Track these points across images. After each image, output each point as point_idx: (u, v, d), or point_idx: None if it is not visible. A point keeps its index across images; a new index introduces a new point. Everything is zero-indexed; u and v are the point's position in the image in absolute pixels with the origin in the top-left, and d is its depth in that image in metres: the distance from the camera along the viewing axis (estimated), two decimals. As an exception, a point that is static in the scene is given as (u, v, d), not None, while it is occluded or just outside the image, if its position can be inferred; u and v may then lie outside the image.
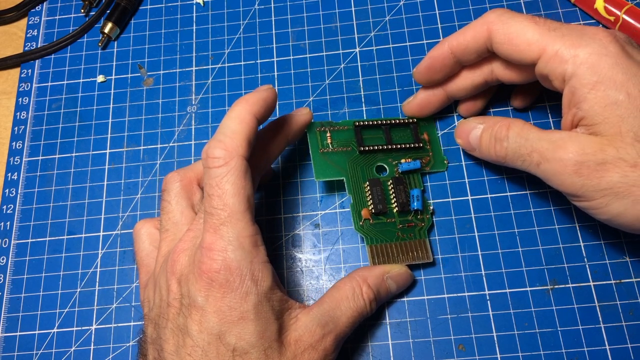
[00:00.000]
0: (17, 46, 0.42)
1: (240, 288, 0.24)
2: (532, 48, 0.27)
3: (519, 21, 0.28)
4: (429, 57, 0.32)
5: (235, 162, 0.25)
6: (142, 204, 0.36)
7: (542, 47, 0.27)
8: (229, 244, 0.25)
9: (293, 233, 0.34)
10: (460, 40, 0.30)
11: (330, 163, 0.33)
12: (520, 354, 0.30)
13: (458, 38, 0.30)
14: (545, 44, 0.27)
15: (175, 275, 0.26)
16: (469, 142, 0.32)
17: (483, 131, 0.31)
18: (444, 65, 0.31)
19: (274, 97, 0.29)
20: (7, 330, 0.33)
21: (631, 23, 0.35)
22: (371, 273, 0.30)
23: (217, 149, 0.25)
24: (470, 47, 0.30)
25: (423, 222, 0.32)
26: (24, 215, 0.36)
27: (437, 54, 0.31)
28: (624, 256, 0.31)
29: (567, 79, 0.26)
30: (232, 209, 0.25)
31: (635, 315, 0.30)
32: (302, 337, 0.26)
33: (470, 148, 0.32)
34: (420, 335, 0.31)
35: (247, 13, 0.41)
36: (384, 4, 0.39)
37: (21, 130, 0.39)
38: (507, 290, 0.31)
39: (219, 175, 0.25)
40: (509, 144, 0.29)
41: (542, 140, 0.27)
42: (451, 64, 0.31)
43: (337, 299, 0.28)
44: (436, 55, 0.31)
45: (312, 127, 0.34)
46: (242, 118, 0.26)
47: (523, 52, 0.27)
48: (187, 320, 0.25)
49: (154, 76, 0.39)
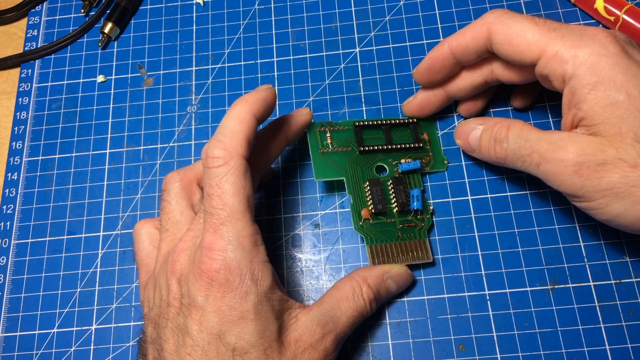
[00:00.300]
0: (17, 46, 0.42)
1: (240, 288, 0.24)
2: (532, 48, 0.27)
3: (519, 22, 0.28)
4: (429, 57, 0.32)
5: (235, 162, 0.25)
6: (142, 204, 0.36)
7: (542, 48, 0.27)
8: (228, 244, 0.25)
9: (293, 233, 0.34)
10: (460, 40, 0.30)
11: (330, 163, 0.33)
12: (520, 354, 0.30)
13: (458, 39, 0.30)
14: (545, 44, 0.27)
15: (175, 275, 0.26)
16: (468, 143, 0.32)
17: (482, 132, 0.31)
18: (444, 65, 0.31)
19: (273, 96, 0.29)
20: (7, 330, 0.33)
21: (631, 23, 0.35)
22: (371, 273, 0.30)
23: (216, 148, 0.25)
24: (470, 48, 0.30)
25: (423, 222, 0.32)
26: (24, 215, 0.36)
27: (437, 54, 0.31)
28: (624, 256, 0.31)
29: (567, 80, 0.26)
30: (231, 208, 0.25)
31: (635, 315, 0.30)
32: (302, 336, 0.26)
33: (470, 149, 0.32)
34: (420, 335, 0.31)
35: (247, 13, 0.41)
36: (384, 4, 0.39)
37: (21, 130, 0.39)
38: (507, 290, 0.31)
39: (219, 175, 0.25)
40: (508, 145, 0.29)
41: (542, 140, 0.27)
42: (451, 64, 0.31)
43: (337, 299, 0.28)
44: (436, 55, 0.31)
45: (312, 127, 0.34)
46: (241, 118, 0.26)
47: (523, 53, 0.27)
48: (187, 320, 0.25)
49: (154, 76, 0.39)
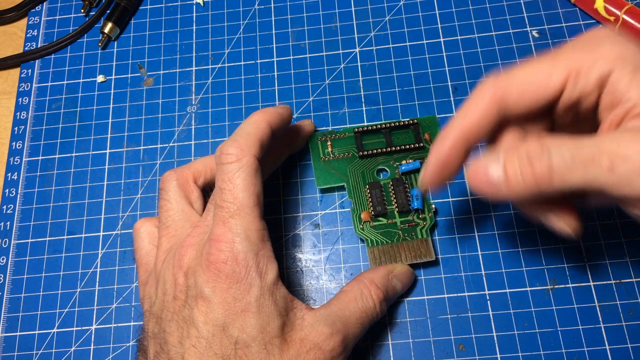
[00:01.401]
0: (17, 46, 0.42)
1: (245, 279, 0.25)
2: (552, 79, 0.23)
3: (522, 67, 0.25)
4: (435, 159, 0.26)
5: (247, 159, 0.26)
6: (142, 204, 0.36)
7: (562, 74, 0.24)
8: (236, 236, 0.25)
9: (293, 233, 0.34)
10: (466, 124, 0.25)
11: (331, 170, 0.34)
12: (520, 354, 0.30)
13: (463, 122, 0.25)
14: (561, 70, 0.23)
15: (182, 269, 0.26)
16: (489, 181, 0.24)
17: (506, 160, 0.23)
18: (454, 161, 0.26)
19: (289, 113, 0.31)
20: (7, 330, 0.33)
21: (631, 23, 0.35)
22: (377, 274, 0.30)
23: (231, 147, 0.27)
24: (482, 130, 0.25)
25: (425, 221, 0.32)
26: (24, 215, 0.36)
27: (443, 152, 0.26)
28: (624, 256, 0.31)
29: (603, 80, 0.23)
30: (241, 202, 0.26)
31: (635, 315, 0.30)
32: (307, 336, 0.26)
33: (493, 189, 0.24)
34: (420, 335, 0.31)
35: (247, 13, 0.41)
36: (384, 4, 0.39)
37: (21, 130, 0.39)
38: (507, 290, 0.31)
39: (231, 171, 0.26)
40: (551, 158, 0.22)
41: (604, 140, 0.22)
42: (461, 153, 0.26)
43: (345, 301, 0.28)
44: (442, 154, 0.26)
45: (314, 137, 0.35)
46: (257, 124, 0.28)
47: (542, 92, 0.24)
48: (193, 311, 0.25)
49: (154, 76, 0.39)
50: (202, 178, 0.31)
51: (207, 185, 0.31)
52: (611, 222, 0.32)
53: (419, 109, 0.36)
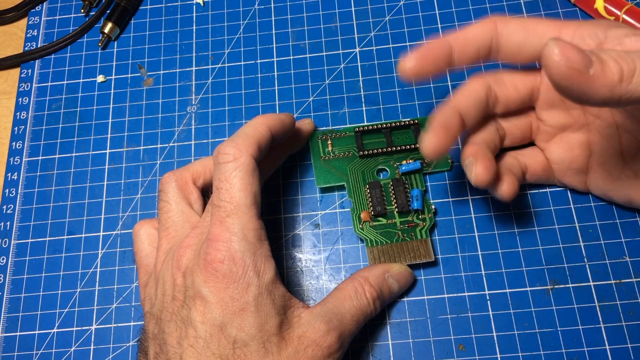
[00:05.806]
0: (17, 46, 0.42)
1: (242, 278, 0.25)
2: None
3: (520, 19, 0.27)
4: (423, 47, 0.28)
5: (244, 159, 0.26)
6: (142, 204, 0.36)
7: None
8: (233, 235, 0.25)
9: (293, 233, 0.34)
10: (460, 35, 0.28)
11: (331, 169, 0.34)
12: (520, 354, 0.30)
13: (458, 33, 0.28)
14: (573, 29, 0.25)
15: (180, 270, 0.26)
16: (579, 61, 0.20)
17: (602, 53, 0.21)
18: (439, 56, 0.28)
19: (291, 121, 0.31)
20: (7, 330, 0.33)
21: (631, 23, 0.35)
22: (372, 272, 0.30)
23: (228, 146, 0.27)
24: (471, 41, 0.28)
25: (424, 222, 0.32)
26: (24, 215, 0.36)
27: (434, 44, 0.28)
28: (624, 256, 0.31)
29: None
30: (238, 201, 0.26)
31: (635, 315, 0.30)
32: (305, 333, 0.26)
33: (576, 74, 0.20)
34: (420, 335, 0.31)
35: (247, 13, 0.41)
36: (384, 4, 0.39)
37: (21, 130, 0.39)
38: (507, 290, 0.31)
39: (228, 170, 0.26)
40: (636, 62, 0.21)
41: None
42: (446, 57, 0.28)
43: (340, 299, 0.28)
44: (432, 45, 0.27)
45: (314, 136, 0.35)
46: (256, 126, 0.28)
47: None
48: (191, 311, 0.25)
49: (154, 76, 0.39)
50: (201, 179, 0.31)
51: (207, 186, 0.31)
52: (611, 222, 0.32)
53: (419, 109, 0.36)
